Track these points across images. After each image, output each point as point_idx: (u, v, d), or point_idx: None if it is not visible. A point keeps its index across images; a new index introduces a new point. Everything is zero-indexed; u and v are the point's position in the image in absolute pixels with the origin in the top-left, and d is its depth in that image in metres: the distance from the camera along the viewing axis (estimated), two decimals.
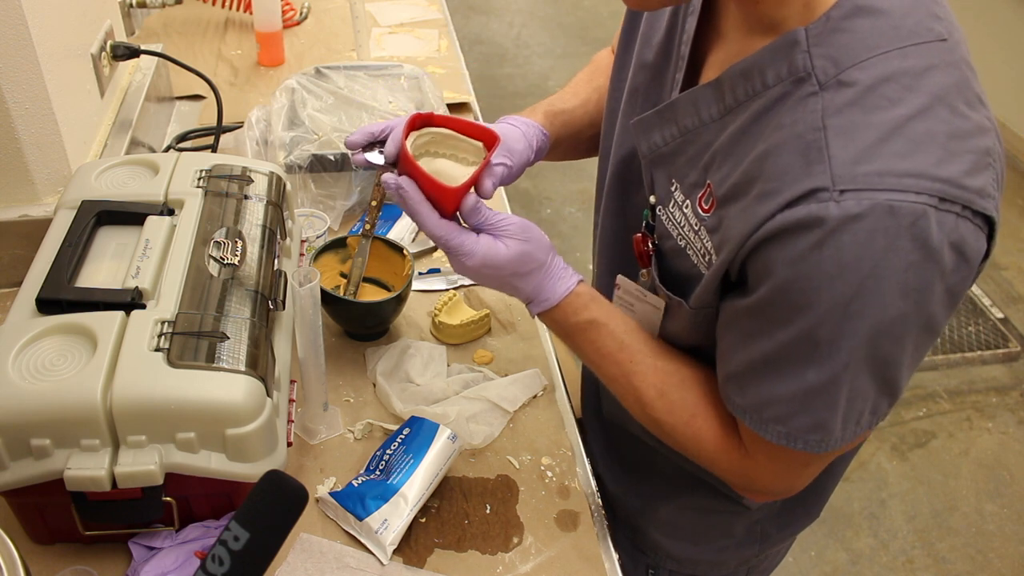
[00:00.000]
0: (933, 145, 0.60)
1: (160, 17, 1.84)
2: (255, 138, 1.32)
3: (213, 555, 0.65)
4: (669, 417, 0.79)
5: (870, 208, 0.59)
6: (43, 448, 0.73)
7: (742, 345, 0.70)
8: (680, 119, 0.74)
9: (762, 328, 0.67)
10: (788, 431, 0.70)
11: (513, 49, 4.17)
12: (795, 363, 0.66)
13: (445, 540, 0.88)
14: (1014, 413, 2.46)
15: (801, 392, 0.67)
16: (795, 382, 0.67)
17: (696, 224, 0.73)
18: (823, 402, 0.67)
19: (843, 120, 0.61)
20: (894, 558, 2.05)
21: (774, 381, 0.68)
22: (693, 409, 0.78)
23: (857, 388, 0.66)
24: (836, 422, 0.68)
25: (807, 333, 0.64)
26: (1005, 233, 3.18)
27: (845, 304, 0.61)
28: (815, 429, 0.69)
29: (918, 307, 0.62)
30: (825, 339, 0.64)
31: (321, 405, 0.97)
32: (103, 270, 0.85)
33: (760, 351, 0.68)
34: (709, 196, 0.71)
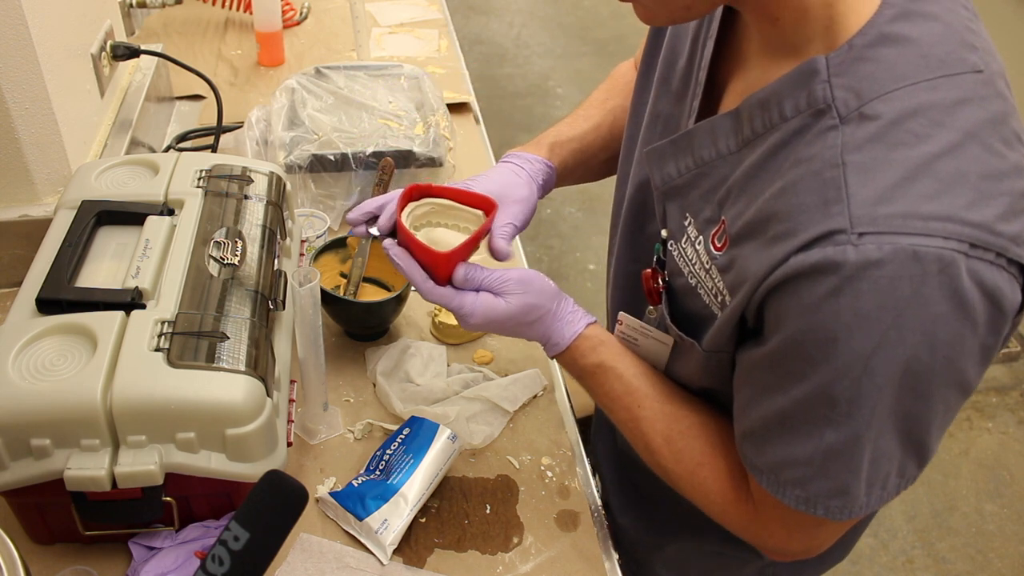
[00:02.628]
0: (964, 186, 0.55)
1: (160, 17, 1.84)
2: (255, 138, 1.32)
3: (213, 555, 0.65)
4: (676, 466, 0.76)
5: (892, 254, 0.54)
6: (43, 448, 0.73)
7: (758, 400, 0.66)
8: (696, 150, 0.70)
9: (778, 383, 0.62)
10: (807, 496, 0.64)
11: (513, 49, 4.17)
12: (812, 422, 0.61)
13: (445, 540, 0.88)
14: (1014, 413, 2.46)
15: (820, 454, 0.62)
16: (813, 443, 0.62)
17: (707, 263, 0.68)
18: (844, 465, 0.62)
19: (864, 156, 0.56)
20: (894, 558, 2.05)
21: (791, 441, 0.63)
22: (699, 459, 0.75)
23: (881, 450, 0.61)
24: (859, 487, 0.63)
25: (823, 389, 0.59)
26: None
27: (865, 358, 0.56)
28: (837, 494, 0.63)
29: (948, 363, 0.57)
30: (843, 397, 0.58)
31: (321, 405, 0.97)
32: (103, 270, 0.85)
33: (775, 408, 0.63)
34: (723, 234, 0.67)
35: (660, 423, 0.77)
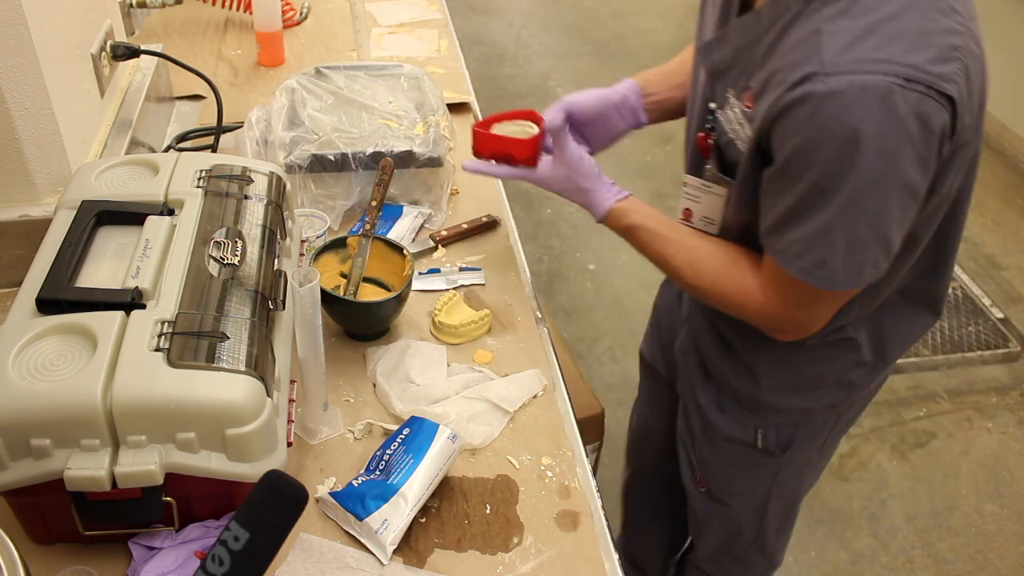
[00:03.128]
0: (901, 39, 0.79)
1: (160, 17, 1.84)
2: (255, 138, 1.32)
3: (213, 555, 0.65)
4: (700, 282, 1.02)
5: (848, 85, 0.78)
6: (43, 448, 0.73)
7: (774, 203, 0.89)
8: (732, 41, 0.95)
9: (786, 186, 0.86)
10: (803, 266, 0.88)
11: (513, 49, 4.17)
12: (808, 210, 0.85)
13: (445, 540, 0.88)
14: (1014, 413, 2.46)
15: (812, 233, 0.86)
16: (809, 225, 0.86)
17: (741, 119, 0.93)
18: (826, 243, 0.86)
19: (833, 26, 0.81)
20: (894, 558, 2.05)
21: (796, 226, 0.87)
22: (717, 272, 1.01)
23: (854, 237, 0.84)
24: (837, 263, 0.86)
25: (814, 184, 0.83)
26: (1005, 233, 3.18)
27: (837, 160, 0.80)
28: (820, 266, 0.87)
29: (894, 167, 0.80)
30: (826, 188, 0.82)
31: (321, 405, 0.97)
32: (103, 270, 0.85)
33: (786, 204, 0.87)
34: (752, 96, 0.91)
35: (683, 256, 1.03)
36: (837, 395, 1.16)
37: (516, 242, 1.32)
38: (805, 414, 1.18)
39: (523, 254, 1.31)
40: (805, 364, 1.12)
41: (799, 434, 1.21)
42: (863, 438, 2.35)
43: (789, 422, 1.20)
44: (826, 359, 1.11)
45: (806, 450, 1.24)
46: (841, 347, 1.10)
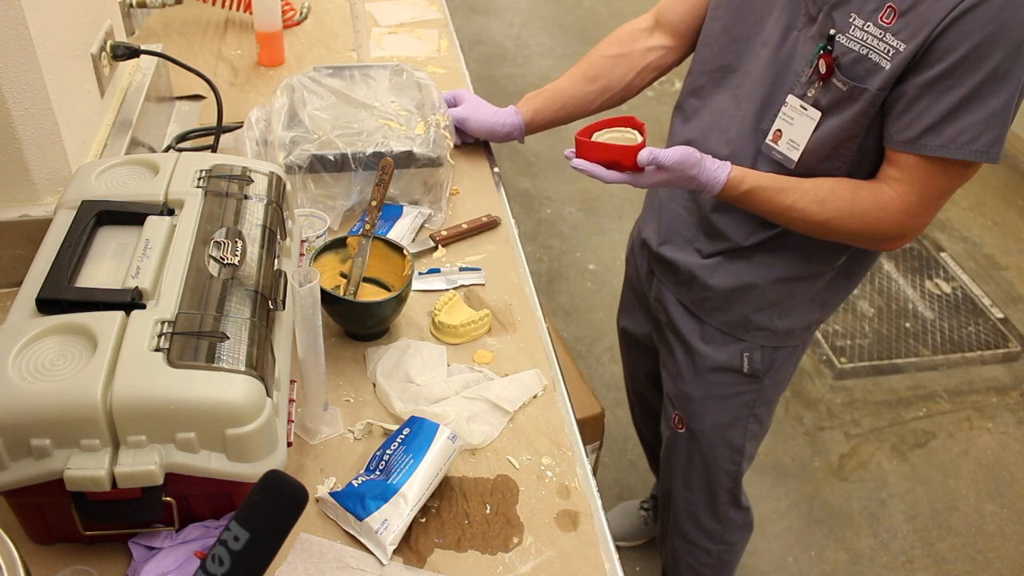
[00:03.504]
0: None
1: (160, 17, 1.84)
2: (255, 138, 1.32)
3: (213, 555, 0.65)
4: (835, 213, 1.11)
5: None
6: (43, 448, 0.73)
7: (935, 103, 1.00)
8: None
9: (958, 81, 0.98)
10: (978, 148, 1.00)
11: (513, 49, 4.17)
12: (985, 96, 0.97)
13: (445, 540, 0.88)
14: (1014, 413, 2.46)
15: (987, 116, 0.98)
16: (984, 110, 0.98)
17: (880, 33, 1.03)
18: (1001, 121, 0.99)
19: None
20: (894, 558, 2.05)
21: (967, 115, 0.99)
22: (850, 197, 1.10)
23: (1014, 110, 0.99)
24: (1004, 137, 1.00)
25: (993, 72, 0.96)
26: (1005, 233, 3.18)
27: (1017, 46, 0.94)
28: (996, 142, 1.00)
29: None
30: (1004, 73, 0.96)
31: (321, 405, 0.97)
32: (103, 270, 0.85)
33: (956, 98, 0.98)
34: (890, 12, 1.01)
35: (809, 196, 1.12)
36: (812, 313, 1.30)
37: (516, 242, 1.32)
38: (788, 335, 1.32)
39: (523, 254, 1.31)
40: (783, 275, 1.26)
41: (778, 357, 1.35)
42: (863, 438, 2.35)
43: (771, 345, 1.33)
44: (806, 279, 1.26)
45: (779, 375, 1.38)
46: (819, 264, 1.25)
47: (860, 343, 2.65)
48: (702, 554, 1.57)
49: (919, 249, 3.06)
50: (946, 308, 2.80)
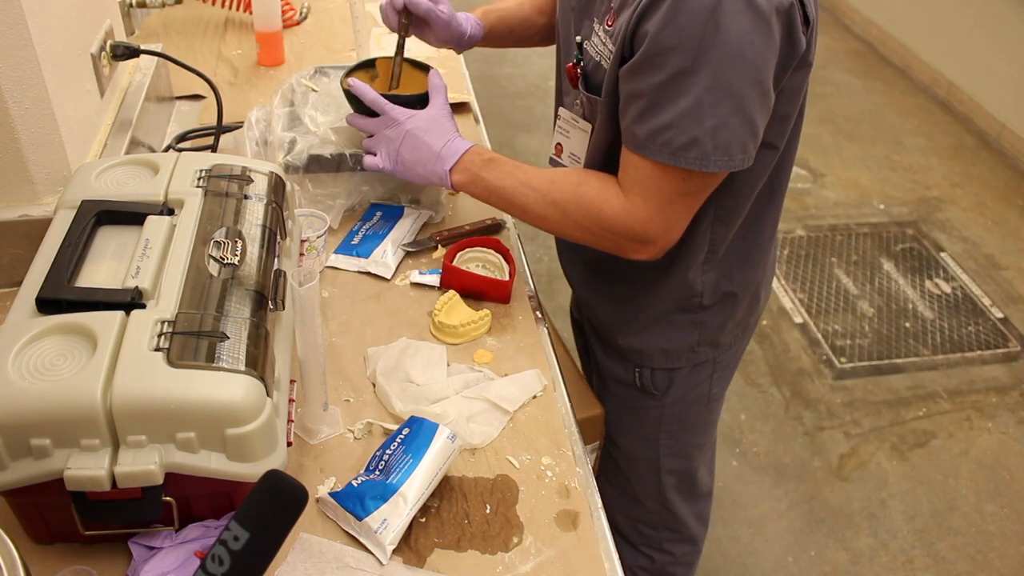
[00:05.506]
0: None
1: (160, 17, 1.84)
2: (255, 138, 1.32)
3: (213, 555, 0.65)
4: (562, 195, 1.05)
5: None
6: (43, 448, 0.73)
7: (635, 97, 0.94)
8: None
9: (650, 75, 0.91)
10: (674, 149, 0.92)
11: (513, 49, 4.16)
12: (674, 94, 0.90)
13: (445, 540, 0.88)
14: (1014, 413, 2.46)
15: (678, 116, 0.91)
16: (674, 109, 0.91)
17: (605, 38, 1.00)
18: (693, 122, 0.90)
19: None
20: (894, 558, 2.05)
21: (661, 112, 0.92)
22: (578, 181, 1.05)
23: (720, 116, 0.90)
24: (707, 142, 0.91)
25: (680, 68, 0.89)
26: (1005, 233, 3.18)
27: (700, 40, 0.87)
28: (690, 146, 0.91)
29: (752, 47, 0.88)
30: (691, 69, 0.88)
31: (321, 405, 0.97)
32: (103, 270, 0.85)
33: (649, 94, 0.92)
34: (612, 14, 0.99)
35: (544, 175, 1.08)
36: (689, 335, 1.23)
37: (516, 242, 1.32)
38: (668, 357, 1.26)
39: (523, 254, 1.31)
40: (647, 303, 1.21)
41: (677, 377, 1.29)
42: (863, 438, 2.35)
43: (663, 368, 1.27)
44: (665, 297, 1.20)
45: (689, 398, 1.32)
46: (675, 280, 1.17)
47: (860, 343, 2.65)
48: (644, 559, 1.54)
49: (919, 249, 3.06)
50: (946, 308, 2.80)
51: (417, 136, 1.13)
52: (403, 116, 1.14)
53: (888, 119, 3.90)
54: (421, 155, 1.13)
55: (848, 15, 4.78)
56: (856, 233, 3.12)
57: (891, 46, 4.43)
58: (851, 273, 2.93)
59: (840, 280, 2.89)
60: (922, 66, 4.18)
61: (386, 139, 1.15)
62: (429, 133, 1.13)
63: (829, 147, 3.63)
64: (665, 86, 0.91)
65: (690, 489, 1.45)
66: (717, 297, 1.19)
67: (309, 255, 1.17)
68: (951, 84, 3.98)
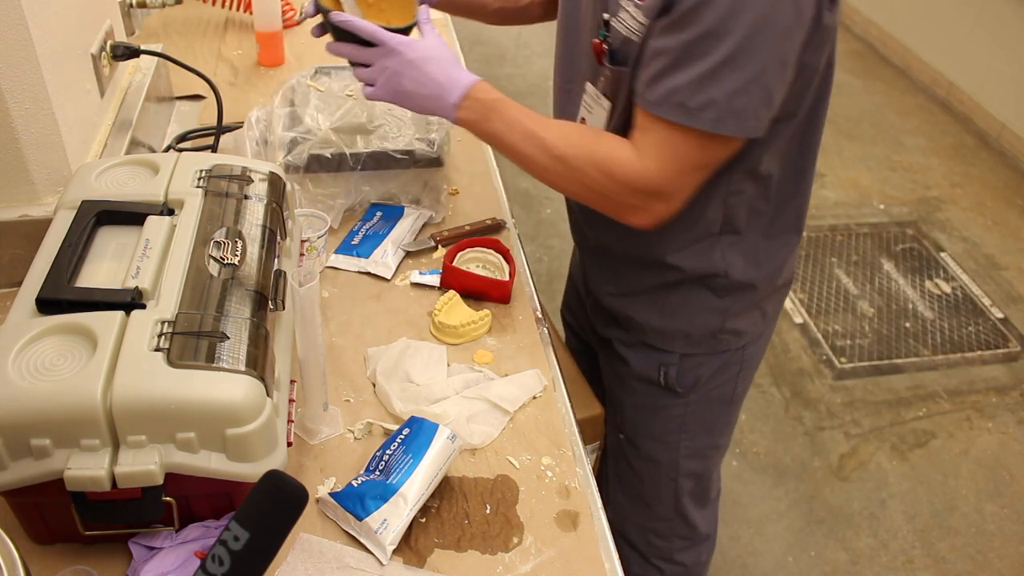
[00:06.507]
0: None
1: (160, 17, 1.84)
2: (255, 138, 1.32)
3: (213, 555, 0.65)
4: (572, 149, 1.01)
5: None
6: (43, 448, 0.73)
7: (659, 54, 0.93)
8: None
9: (676, 34, 0.91)
10: (691, 107, 0.92)
11: (513, 49, 4.17)
12: (696, 55, 0.90)
13: (445, 540, 0.88)
14: (1014, 413, 2.46)
15: (699, 76, 0.90)
16: (695, 69, 0.90)
17: (636, 13, 0.97)
18: (713, 83, 0.90)
19: None
20: (894, 558, 2.05)
21: (679, 73, 0.91)
22: (593, 138, 1.01)
23: (739, 80, 0.90)
24: (723, 104, 0.91)
25: (708, 29, 0.88)
26: (1005, 233, 3.17)
27: (731, 5, 0.86)
28: (707, 106, 0.91)
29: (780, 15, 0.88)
30: (719, 32, 0.88)
31: (321, 405, 0.97)
32: (103, 270, 0.85)
33: (673, 53, 0.91)
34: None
35: (554, 127, 1.03)
36: (711, 319, 1.21)
37: (516, 242, 1.32)
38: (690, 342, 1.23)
39: (523, 254, 1.31)
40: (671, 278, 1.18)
41: (704, 373, 1.26)
42: (863, 438, 2.35)
43: (690, 355, 1.24)
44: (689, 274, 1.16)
45: (713, 395, 1.29)
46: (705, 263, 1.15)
47: (860, 343, 2.65)
48: (655, 571, 1.50)
49: (919, 249, 3.06)
50: (946, 308, 2.80)
51: (419, 67, 1.05)
52: (404, 46, 1.05)
53: (888, 119, 3.90)
54: (425, 87, 1.05)
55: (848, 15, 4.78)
56: (856, 233, 3.12)
57: (891, 46, 4.43)
58: (851, 273, 2.93)
59: (840, 280, 2.89)
60: (922, 66, 4.18)
61: (385, 70, 1.06)
62: (432, 63, 1.05)
63: (829, 147, 3.63)
64: (691, 45, 0.90)
65: (703, 494, 1.43)
66: (741, 280, 1.17)
67: (309, 255, 1.17)
68: (951, 84, 3.98)
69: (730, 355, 1.26)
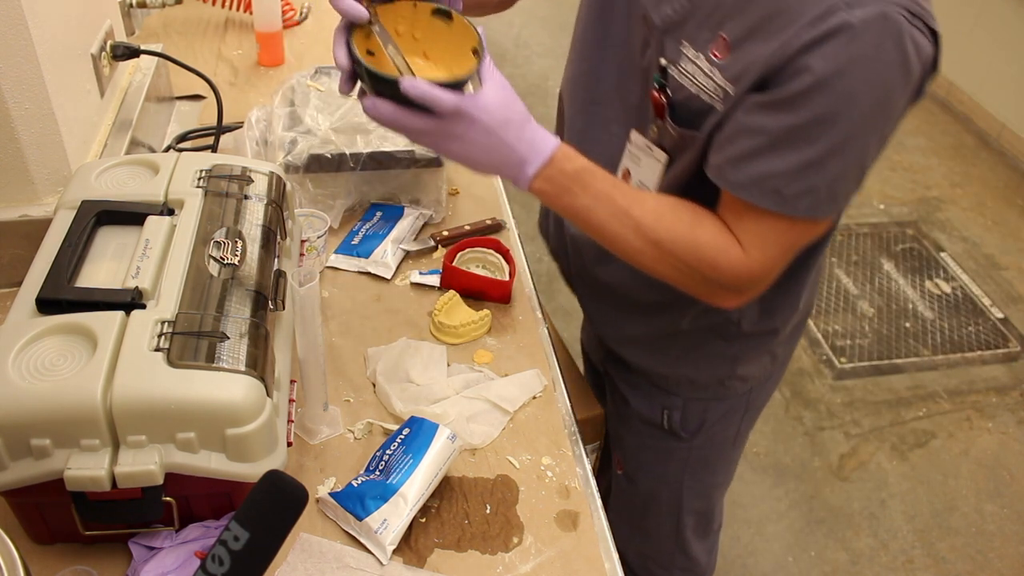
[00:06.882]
0: None
1: (160, 17, 1.84)
2: (255, 138, 1.32)
3: (213, 555, 0.65)
4: (670, 234, 0.89)
5: (873, 15, 0.77)
6: (43, 448, 0.73)
7: (754, 132, 0.84)
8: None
9: (781, 116, 0.82)
10: (783, 198, 0.84)
11: (513, 49, 4.17)
12: (801, 141, 0.82)
13: (445, 540, 0.88)
14: (1014, 413, 2.46)
15: (801, 164, 0.82)
16: (797, 156, 0.82)
17: (710, 70, 0.87)
18: (816, 171, 0.83)
19: None
20: (894, 558, 2.05)
21: (778, 158, 0.83)
22: (692, 222, 0.90)
23: (843, 167, 0.83)
24: (823, 192, 0.84)
25: (817, 116, 0.80)
26: (1005, 233, 3.18)
27: (850, 90, 0.79)
28: (805, 194, 0.84)
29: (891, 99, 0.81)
30: (830, 118, 0.80)
31: (321, 405, 0.97)
32: (103, 270, 0.85)
33: (773, 135, 0.82)
34: (723, 45, 0.86)
35: (648, 205, 0.90)
36: (720, 366, 1.16)
37: (516, 242, 1.32)
38: (694, 387, 1.19)
39: (523, 254, 1.31)
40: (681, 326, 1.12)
41: (709, 418, 1.21)
42: (863, 438, 2.35)
43: (695, 399, 1.20)
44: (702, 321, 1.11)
45: (718, 438, 1.25)
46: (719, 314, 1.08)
47: (860, 343, 2.65)
48: None
49: (919, 249, 3.06)
50: (946, 308, 2.80)
51: (495, 133, 0.84)
52: (478, 110, 0.82)
53: None
54: (497, 154, 0.86)
55: None
56: (856, 233, 3.12)
57: None
58: (851, 273, 2.93)
59: (840, 280, 2.89)
60: None
61: (449, 136, 0.84)
62: (510, 127, 0.84)
63: None
64: (795, 130, 0.81)
65: (706, 527, 1.40)
66: (756, 327, 1.10)
67: (309, 255, 1.17)
68: (951, 84, 3.98)
69: (736, 399, 1.21)
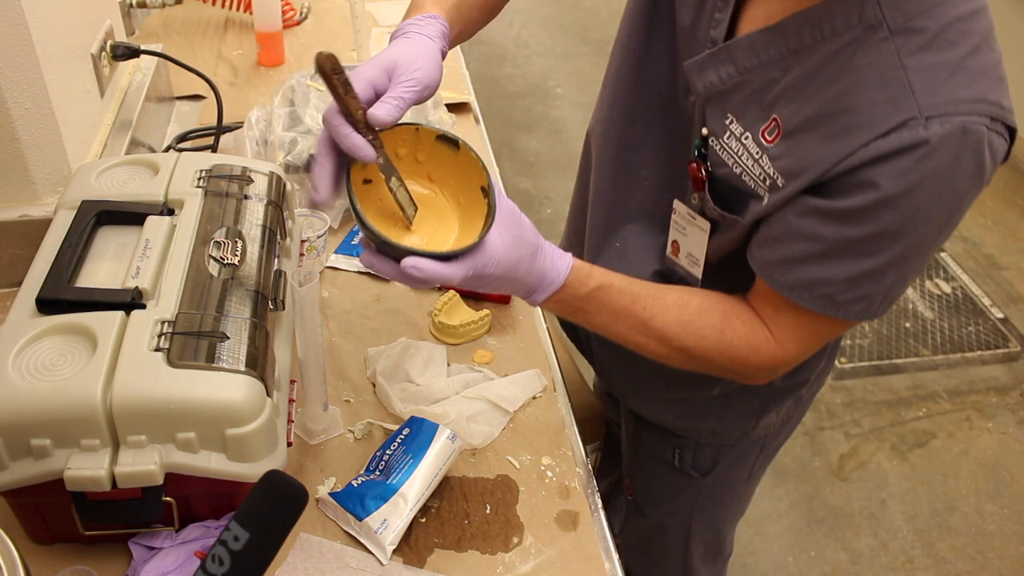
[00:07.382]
0: (984, 77, 0.73)
1: (160, 17, 1.84)
2: (255, 138, 1.32)
3: (213, 555, 0.65)
4: (700, 342, 0.86)
5: (951, 130, 0.71)
6: (43, 448, 0.73)
7: (808, 238, 0.79)
8: (738, 61, 0.81)
9: (839, 227, 0.76)
10: (835, 304, 0.80)
11: (513, 49, 4.17)
12: (859, 253, 0.77)
13: (445, 540, 0.88)
14: (1014, 413, 2.46)
15: (858, 275, 0.78)
16: (854, 267, 0.78)
17: (758, 153, 0.81)
18: (873, 281, 0.78)
19: (918, 61, 0.72)
20: (894, 558, 2.05)
21: (833, 266, 0.78)
22: (720, 326, 0.86)
23: (903, 276, 0.79)
24: (878, 298, 0.80)
25: (881, 231, 0.75)
26: (1005, 233, 3.17)
27: (920, 207, 0.73)
28: (859, 301, 0.80)
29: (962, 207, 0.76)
30: (895, 233, 0.75)
31: (321, 405, 0.97)
32: (103, 270, 0.85)
33: (830, 244, 0.77)
34: (775, 128, 0.79)
35: (672, 313, 0.86)
36: (746, 420, 1.11)
37: None
38: (716, 435, 1.14)
39: None
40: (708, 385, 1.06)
41: (723, 459, 1.16)
42: (863, 438, 2.35)
43: (711, 444, 1.15)
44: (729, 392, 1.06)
45: (730, 477, 1.21)
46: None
47: (860, 343, 2.65)
48: None
49: None
50: (946, 308, 2.80)
51: (500, 277, 0.79)
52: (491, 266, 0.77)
53: None
54: (506, 288, 0.83)
55: None
56: None
57: None
58: None
59: None
60: None
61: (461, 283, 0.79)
62: (516, 268, 0.79)
63: None
64: (857, 242, 0.76)
65: (715, 555, 1.37)
66: (786, 382, 1.07)
67: (309, 255, 1.17)
68: None
69: (751, 443, 1.17)
